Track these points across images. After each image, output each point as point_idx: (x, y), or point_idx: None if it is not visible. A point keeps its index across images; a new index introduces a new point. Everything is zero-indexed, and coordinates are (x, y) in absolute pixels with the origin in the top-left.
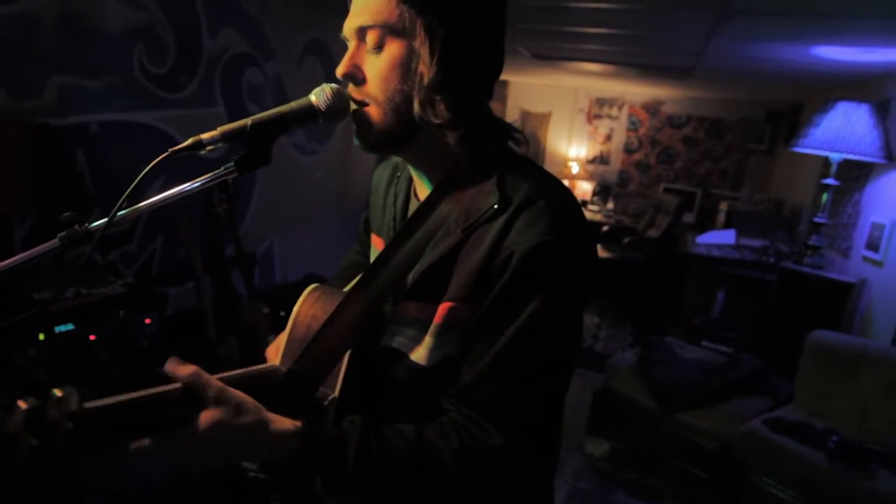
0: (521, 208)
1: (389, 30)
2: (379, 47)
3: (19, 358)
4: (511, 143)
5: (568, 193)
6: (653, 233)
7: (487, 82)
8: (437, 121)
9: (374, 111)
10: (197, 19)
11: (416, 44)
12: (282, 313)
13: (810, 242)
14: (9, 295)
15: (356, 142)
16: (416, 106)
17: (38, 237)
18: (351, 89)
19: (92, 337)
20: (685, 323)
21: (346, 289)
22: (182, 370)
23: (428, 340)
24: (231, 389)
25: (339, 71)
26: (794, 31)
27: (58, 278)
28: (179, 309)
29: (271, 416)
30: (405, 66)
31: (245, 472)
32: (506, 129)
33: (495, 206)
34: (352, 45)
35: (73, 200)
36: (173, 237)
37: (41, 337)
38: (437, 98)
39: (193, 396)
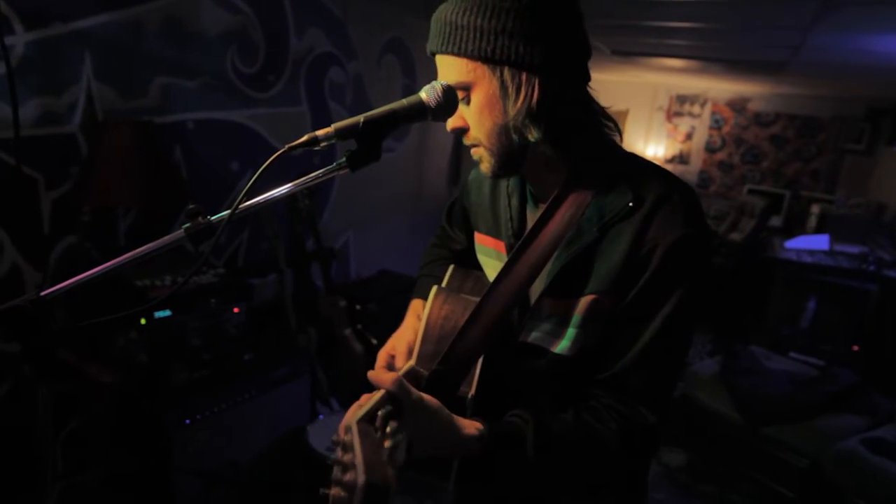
0: (659, 204)
1: (470, 85)
2: (466, 100)
3: (123, 340)
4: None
5: (692, 188)
6: (735, 236)
7: (575, 90)
8: (532, 140)
9: (485, 149)
10: (285, 21)
11: (497, 88)
12: (357, 307)
13: None
14: (114, 282)
15: (484, 173)
16: (512, 133)
17: (140, 229)
18: (465, 136)
19: (186, 323)
20: (771, 332)
21: (449, 284)
22: (386, 378)
23: (571, 332)
24: (426, 397)
25: (448, 128)
26: None
27: (158, 266)
28: (261, 300)
29: (458, 421)
30: (492, 107)
31: (320, 456)
32: (596, 121)
33: (630, 204)
34: None
35: (173, 194)
36: (258, 230)
37: (142, 321)
38: (527, 124)
39: (395, 401)
